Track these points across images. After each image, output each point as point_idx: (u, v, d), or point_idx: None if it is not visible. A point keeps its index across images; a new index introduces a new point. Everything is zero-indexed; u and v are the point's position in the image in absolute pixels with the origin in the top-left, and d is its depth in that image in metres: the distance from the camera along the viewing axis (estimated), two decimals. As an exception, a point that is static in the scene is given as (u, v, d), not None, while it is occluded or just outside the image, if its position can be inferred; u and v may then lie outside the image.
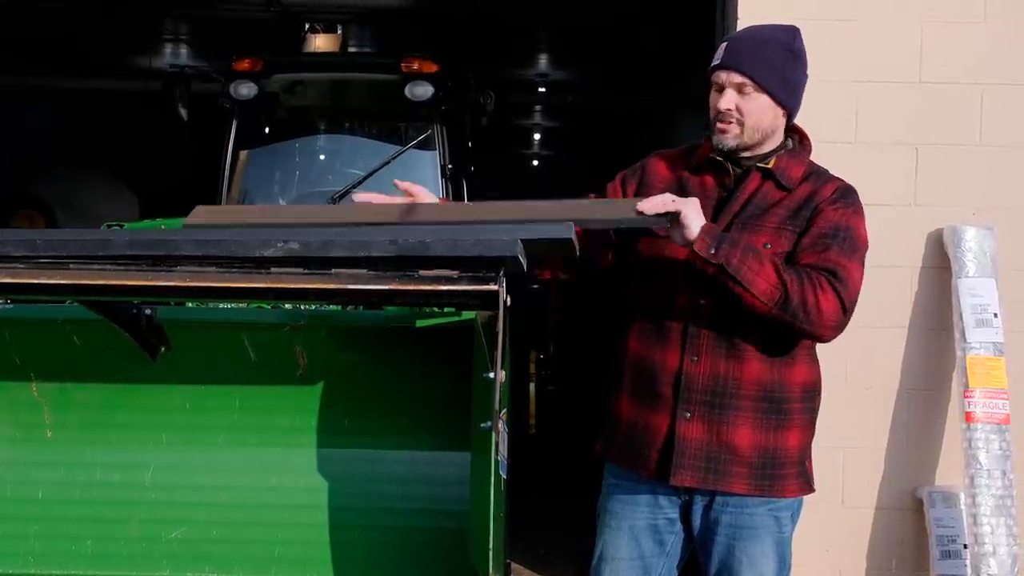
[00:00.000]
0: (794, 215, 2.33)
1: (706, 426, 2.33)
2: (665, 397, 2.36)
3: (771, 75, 2.34)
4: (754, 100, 2.32)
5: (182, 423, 2.74)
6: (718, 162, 2.39)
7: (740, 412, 2.33)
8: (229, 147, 5.81)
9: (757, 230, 2.32)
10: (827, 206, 2.33)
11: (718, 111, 2.34)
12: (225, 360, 2.69)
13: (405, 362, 2.66)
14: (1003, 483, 3.37)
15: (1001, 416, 3.42)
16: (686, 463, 2.34)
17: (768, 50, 2.36)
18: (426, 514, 2.65)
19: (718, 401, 2.33)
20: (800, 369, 2.38)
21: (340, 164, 5.97)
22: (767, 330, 2.30)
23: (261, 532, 2.70)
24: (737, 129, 2.33)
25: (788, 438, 2.36)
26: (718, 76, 2.35)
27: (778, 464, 2.36)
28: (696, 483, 2.35)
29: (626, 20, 7.77)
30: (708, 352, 2.33)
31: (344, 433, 2.69)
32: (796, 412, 2.37)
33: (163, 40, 9.40)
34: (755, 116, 2.33)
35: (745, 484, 2.35)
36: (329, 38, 6.64)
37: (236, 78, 5.68)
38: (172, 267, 2.09)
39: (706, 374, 2.33)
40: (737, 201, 2.35)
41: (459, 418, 2.54)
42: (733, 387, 2.33)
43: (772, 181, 2.36)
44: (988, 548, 3.32)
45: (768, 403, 2.34)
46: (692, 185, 2.40)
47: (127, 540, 2.70)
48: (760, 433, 2.33)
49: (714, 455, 2.33)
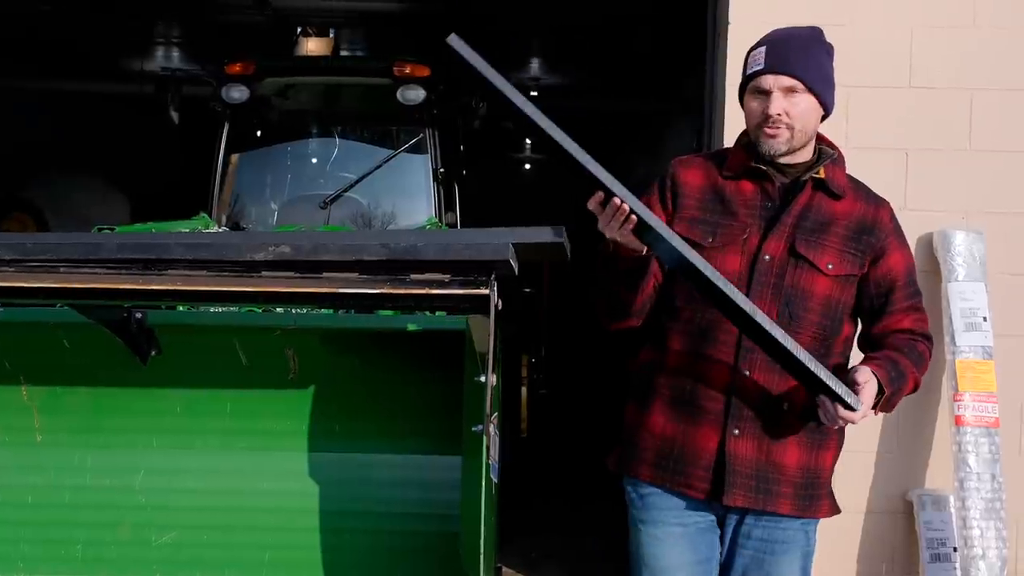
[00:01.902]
0: (855, 237, 2.27)
1: (756, 443, 2.23)
2: (712, 412, 2.23)
3: (818, 75, 2.26)
4: (802, 102, 2.24)
5: (173, 427, 2.74)
6: (760, 170, 2.28)
7: (789, 430, 2.25)
8: (221, 150, 5.80)
9: (820, 248, 2.24)
10: (893, 238, 2.30)
11: (766, 116, 2.23)
12: (216, 364, 2.69)
13: (396, 366, 2.66)
14: (992, 486, 3.38)
15: (990, 420, 3.43)
16: (739, 482, 2.23)
17: (812, 49, 2.28)
18: (417, 518, 2.65)
19: (770, 418, 2.23)
20: None
21: (332, 168, 5.96)
22: (819, 342, 2.25)
23: (252, 536, 2.69)
24: (787, 134, 2.24)
25: (826, 457, 2.31)
26: (764, 81, 2.24)
27: (817, 484, 2.30)
28: (747, 503, 2.25)
29: (619, 24, 7.78)
30: (762, 366, 2.21)
31: (335, 437, 2.69)
32: (832, 430, 2.29)
33: (155, 43, 9.37)
34: (803, 119, 2.24)
35: (790, 504, 2.27)
36: (321, 42, 6.63)
37: (228, 81, 5.67)
38: (163, 270, 2.09)
39: (759, 388, 2.22)
40: (791, 213, 2.26)
41: (450, 422, 2.54)
42: (785, 404, 2.23)
43: (823, 191, 2.29)
44: (978, 551, 3.33)
45: (813, 421, 2.24)
46: (729, 193, 2.29)
47: (117, 544, 2.70)
48: (805, 452, 2.27)
49: (763, 474, 2.24)
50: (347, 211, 5.60)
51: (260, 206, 5.88)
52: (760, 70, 2.25)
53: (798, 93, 2.23)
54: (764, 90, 2.23)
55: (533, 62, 9.72)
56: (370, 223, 5.62)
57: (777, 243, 2.24)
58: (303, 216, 5.51)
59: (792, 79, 2.22)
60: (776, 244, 2.24)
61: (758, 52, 2.27)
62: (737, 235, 2.25)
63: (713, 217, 2.28)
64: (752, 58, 2.28)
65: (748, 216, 2.26)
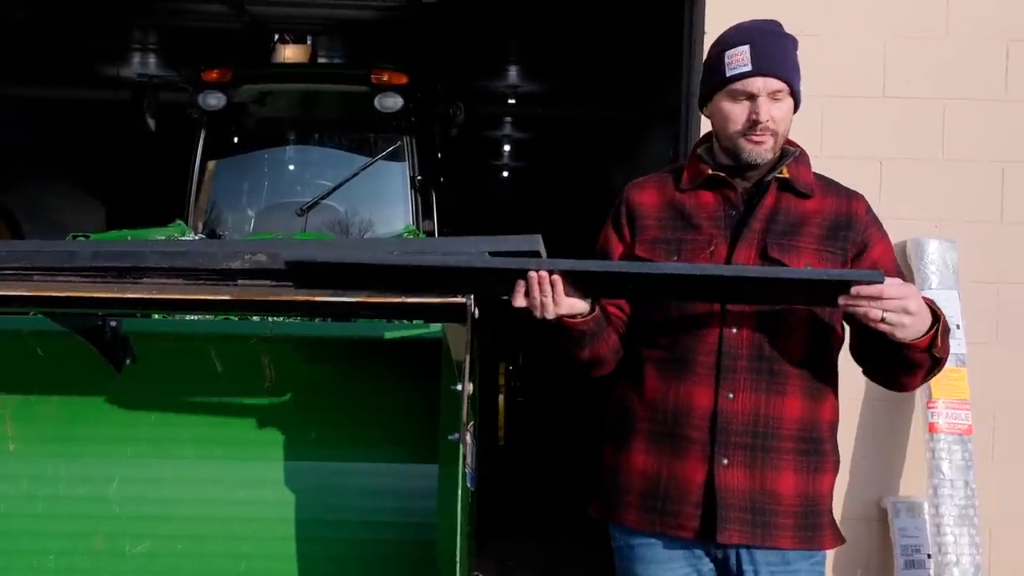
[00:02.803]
0: (831, 235, 2.11)
1: (748, 473, 2.04)
2: (696, 441, 2.05)
3: (797, 75, 2.13)
4: (784, 106, 2.10)
5: (147, 436, 2.72)
6: (719, 179, 2.13)
7: (782, 455, 2.06)
8: (197, 157, 5.78)
9: (795, 251, 2.08)
10: (874, 230, 2.14)
11: (753, 122, 2.07)
12: (191, 372, 2.68)
13: (373, 374, 2.66)
14: (965, 493, 3.41)
15: (963, 427, 3.45)
16: (732, 517, 2.03)
17: (787, 45, 2.14)
18: (394, 526, 2.64)
19: (759, 443, 2.04)
20: (830, 404, 2.14)
21: (309, 175, 5.95)
22: (807, 360, 2.08)
23: (227, 546, 2.68)
24: (772, 140, 2.09)
25: (823, 482, 2.11)
26: (752, 84, 2.07)
27: (816, 512, 2.10)
28: (744, 540, 2.04)
29: (596, 31, 7.80)
30: (746, 387, 2.04)
31: (311, 445, 2.68)
32: (828, 453, 2.13)
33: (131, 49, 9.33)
34: (784, 123, 2.11)
35: (791, 537, 2.07)
36: (299, 49, 6.62)
37: (205, 88, 5.65)
38: (138, 279, 2.08)
39: (746, 412, 2.04)
40: (758, 218, 2.10)
41: (427, 430, 2.54)
42: (775, 426, 2.05)
43: (789, 192, 2.14)
44: (951, 558, 3.36)
45: (806, 443, 2.08)
46: (689, 207, 2.14)
47: (91, 555, 2.68)
48: (801, 477, 2.07)
49: (759, 506, 2.04)
50: (324, 219, 5.59)
51: (237, 213, 5.86)
52: (747, 71, 2.07)
53: (782, 96, 2.09)
54: (751, 94, 2.07)
55: (511, 70, 9.74)
56: (347, 231, 5.61)
57: (748, 251, 2.08)
58: (280, 224, 5.50)
59: (780, 82, 2.08)
60: (747, 252, 2.08)
61: (739, 52, 2.09)
62: (702, 248, 2.09)
63: (675, 234, 2.13)
64: (731, 57, 2.10)
65: (712, 227, 2.11)
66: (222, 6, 7.13)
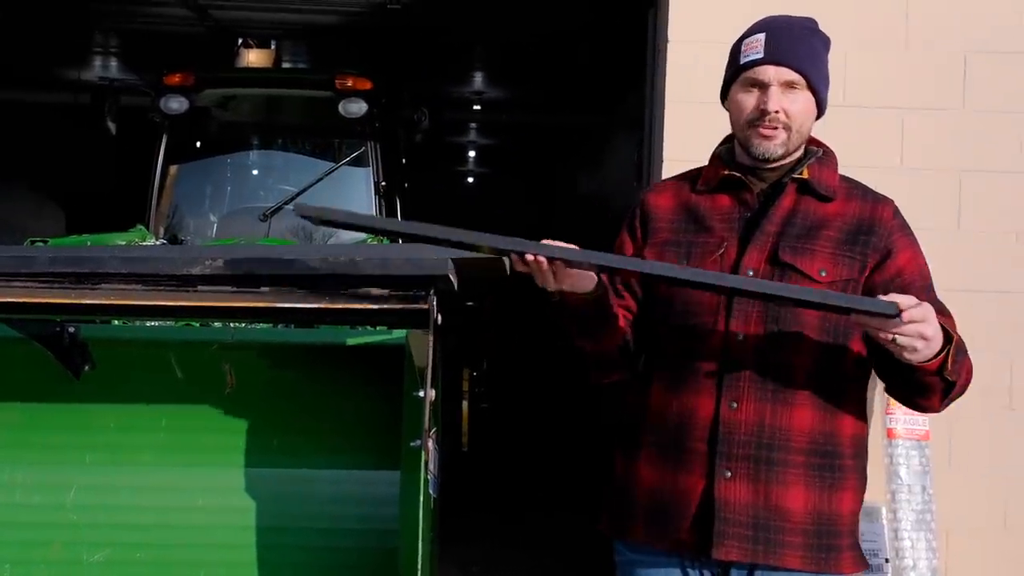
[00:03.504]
0: (851, 239, 1.99)
1: (751, 486, 1.93)
2: (698, 453, 1.95)
3: (819, 71, 2.02)
4: (801, 99, 1.99)
5: (106, 443, 2.69)
6: (735, 179, 2.03)
7: (790, 468, 1.94)
8: (159, 162, 5.74)
9: (809, 254, 1.97)
10: (899, 235, 2.02)
11: (761, 112, 1.97)
12: (151, 379, 2.65)
13: (335, 381, 2.64)
14: (923, 498, 3.45)
15: (921, 433, 3.49)
16: (730, 532, 1.92)
17: (813, 41, 2.03)
18: (356, 533, 2.62)
19: (764, 456, 1.93)
20: (851, 418, 2.00)
21: (272, 180, 5.94)
22: (819, 369, 1.96)
23: (187, 554, 2.65)
24: (784, 135, 1.98)
25: (843, 501, 1.98)
26: (763, 72, 1.97)
27: (833, 533, 1.97)
28: (743, 557, 1.93)
29: (560, 39, 7.83)
30: (750, 396, 1.94)
31: (273, 452, 2.66)
32: (850, 470, 1.99)
33: (93, 53, 9.25)
34: (801, 118, 1.99)
35: (800, 557, 1.94)
36: (262, 53, 6.60)
37: (167, 92, 5.62)
38: (96, 284, 2.06)
39: (749, 423, 1.93)
40: (772, 220, 1.99)
41: (389, 437, 2.53)
42: (782, 438, 1.93)
43: (809, 194, 2.02)
44: (908, 562, 3.39)
45: (820, 458, 1.95)
46: (704, 209, 2.05)
47: (48, 564, 2.64)
48: (814, 494, 1.95)
49: (762, 522, 1.93)
50: (288, 224, 5.57)
51: (199, 218, 5.83)
52: (759, 59, 1.98)
53: (797, 89, 1.98)
54: (762, 83, 1.98)
55: (476, 76, 9.75)
56: (311, 236, 5.60)
57: (759, 254, 1.98)
58: (243, 229, 5.48)
59: (794, 72, 1.97)
60: (757, 255, 1.97)
61: (755, 40, 2.00)
62: (712, 251, 1.99)
63: (686, 237, 2.04)
64: (747, 46, 2.01)
65: (724, 229, 2.01)
66: (185, 10, 7.09)
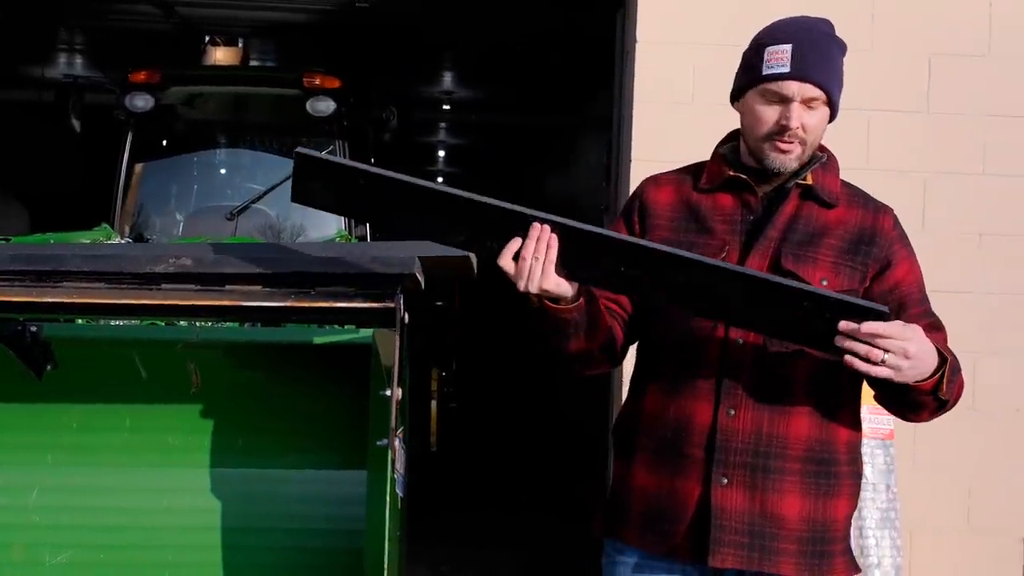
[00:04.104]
0: (853, 248, 1.99)
1: (747, 494, 1.93)
2: (695, 459, 1.95)
3: (839, 81, 2.00)
4: (818, 114, 1.97)
5: (69, 443, 2.66)
6: (740, 180, 2.02)
7: (787, 476, 1.94)
8: (124, 160, 5.69)
9: (811, 263, 1.96)
10: (899, 246, 2.02)
11: (782, 127, 1.95)
12: (115, 378, 2.63)
13: (302, 380, 2.63)
14: (887, 496, 3.48)
15: (885, 432, 3.52)
16: (726, 539, 1.93)
17: (833, 52, 2.01)
18: (322, 533, 2.61)
19: (761, 463, 1.93)
20: (846, 425, 2.02)
21: (239, 179, 5.90)
22: (816, 377, 1.96)
23: (151, 555, 2.63)
24: (799, 149, 1.96)
25: (837, 508, 1.99)
26: (788, 87, 1.94)
27: (827, 540, 1.98)
28: (739, 564, 1.94)
29: (530, 40, 7.84)
30: (748, 403, 1.94)
31: (238, 452, 2.64)
32: (845, 476, 2.00)
33: (57, 50, 9.15)
34: (816, 132, 1.98)
35: (793, 564, 1.95)
36: (230, 51, 6.55)
37: (132, 90, 5.57)
38: (58, 282, 2.03)
39: (747, 430, 1.93)
40: (775, 226, 1.98)
41: (356, 436, 2.52)
42: (779, 446, 1.94)
43: (812, 200, 2.01)
44: (873, 560, 3.42)
45: (816, 465, 1.96)
46: (705, 209, 2.03)
47: (10, 565, 2.61)
48: (809, 502, 1.96)
49: (758, 529, 1.93)
50: (255, 223, 5.54)
51: (165, 217, 5.79)
52: (785, 73, 1.94)
53: (818, 105, 1.97)
54: (785, 97, 1.95)
55: (445, 75, 9.74)
56: (279, 235, 5.57)
57: (760, 260, 1.96)
58: (210, 228, 5.44)
59: (818, 89, 1.95)
60: (759, 261, 1.96)
61: (780, 50, 1.96)
62: (714, 254, 1.96)
63: (687, 237, 2.01)
64: (771, 55, 1.97)
65: (727, 232, 1.99)
66: (151, 7, 7.03)
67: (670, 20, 3.73)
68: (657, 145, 3.71)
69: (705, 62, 3.69)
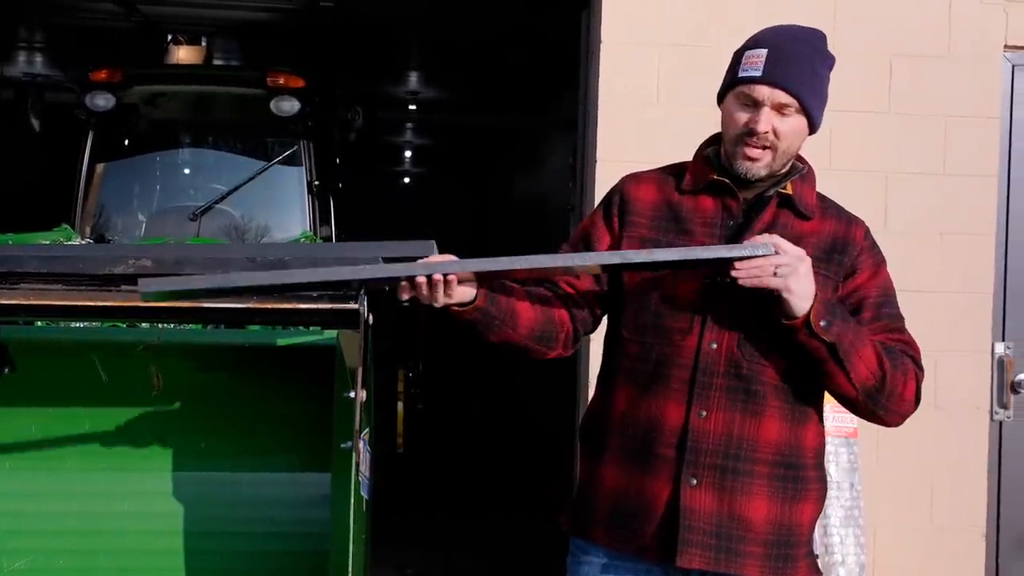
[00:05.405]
0: (826, 257, 2.02)
1: (716, 495, 1.95)
2: (665, 459, 1.96)
3: (816, 94, 2.01)
4: (792, 122, 1.98)
5: (28, 447, 2.63)
6: (722, 184, 2.03)
7: (755, 479, 1.97)
8: (84, 160, 5.62)
9: None
10: (866, 255, 2.05)
11: (749, 131, 1.97)
12: (75, 381, 2.60)
13: (265, 382, 2.61)
14: (851, 495, 3.50)
15: (849, 430, 3.55)
16: (694, 539, 1.95)
17: (816, 62, 2.02)
18: (286, 536, 2.60)
19: (731, 465, 1.96)
20: (813, 430, 2.05)
21: (202, 179, 5.84)
22: (790, 381, 1.99)
23: (113, 560, 2.60)
24: (769, 156, 1.98)
25: (803, 512, 2.02)
26: (758, 91, 1.97)
27: (792, 543, 2.00)
28: (705, 565, 1.96)
29: (495, 40, 7.84)
30: (720, 405, 1.96)
31: (201, 455, 2.62)
32: (812, 480, 2.03)
33: (17, 48, 9.02)
34: (789, 140, 1.99)
35: (758, 567, 1.97)
36: (193, 50, 6.49)
37: (92, 89, 5.50)
38: (15, 284, 2.00)
39: (718, 432, 1.96)
40: (754, 233, 1.99)
41: (320, 438, 2.51)
42: (748, 449, 1.96)
43: (789, 209, 2.04)
44: (838, 558, 3.45)
45: (784, 469, 1.99)
46: (686, 210, 2.04)
47: (-33, 572, 2.57)
48: (776, 505, 1.98)
49: (725, 531, 1.96)
50: (219, 224, 5.49)
51: (127, 217, 5.72)
52: (756, 77, 1.97)
53: (790, 111, 1.98)
54: (755, 100, 1.97)
55: (411, 75, 9.70)
56: (243, 236, 5.53)
57: None
58: (172, 228, 5.39)
59: (788, 96, 1.97)
60: None
61: (756, 55, 1.99)
62: None
63: (666, 237, 2.03)
64: (748, 59, 2.00)
65: (706, 235, 2.01)
66: (112, 5, 6.95)
67: (635, 21, 3.73)
68: (622, 146, 3.71)
69: (670, 63, 3.69)
